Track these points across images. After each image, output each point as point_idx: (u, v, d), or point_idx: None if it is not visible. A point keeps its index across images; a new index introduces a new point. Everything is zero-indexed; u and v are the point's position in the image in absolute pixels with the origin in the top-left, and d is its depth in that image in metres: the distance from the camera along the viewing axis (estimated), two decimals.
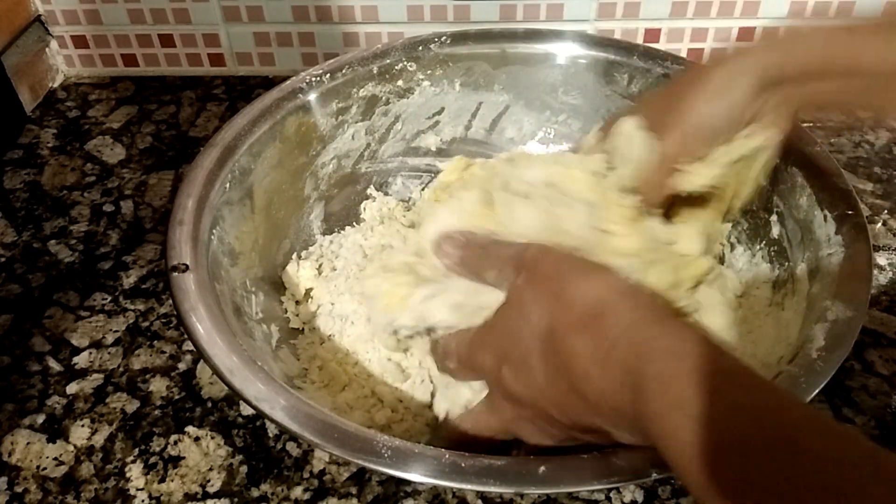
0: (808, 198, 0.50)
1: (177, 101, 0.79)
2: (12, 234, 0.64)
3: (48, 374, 0.53)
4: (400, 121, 0.63)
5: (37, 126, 0.76)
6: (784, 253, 0.51)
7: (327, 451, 0.37)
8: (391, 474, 0.36)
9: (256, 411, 0.38)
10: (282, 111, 0.56)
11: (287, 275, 0.56)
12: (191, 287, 0.43)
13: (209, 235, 0.48)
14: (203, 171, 0.50)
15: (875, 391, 0.51)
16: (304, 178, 0.59)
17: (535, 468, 0.35)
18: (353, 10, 0.77)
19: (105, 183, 0.69)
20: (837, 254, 0.46)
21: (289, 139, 0.57)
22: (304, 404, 0.39)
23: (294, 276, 0.56)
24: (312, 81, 0.58)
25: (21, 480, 0.47)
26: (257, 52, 0.81)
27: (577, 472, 0.36)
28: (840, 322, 0.41)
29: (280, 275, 0.56)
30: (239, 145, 0.53)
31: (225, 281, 0.48)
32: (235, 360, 0.40)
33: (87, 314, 0.57)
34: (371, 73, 0.60)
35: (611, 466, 0.35)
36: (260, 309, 0.52)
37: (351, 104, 0.60)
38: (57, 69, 0.82)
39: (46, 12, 0.79)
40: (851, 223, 0.47)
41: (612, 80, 0.62)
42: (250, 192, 0.54)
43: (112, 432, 0.49)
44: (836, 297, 0.43)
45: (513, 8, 0.77)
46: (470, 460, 0.36)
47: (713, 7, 0.77)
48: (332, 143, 0.60)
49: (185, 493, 0.46)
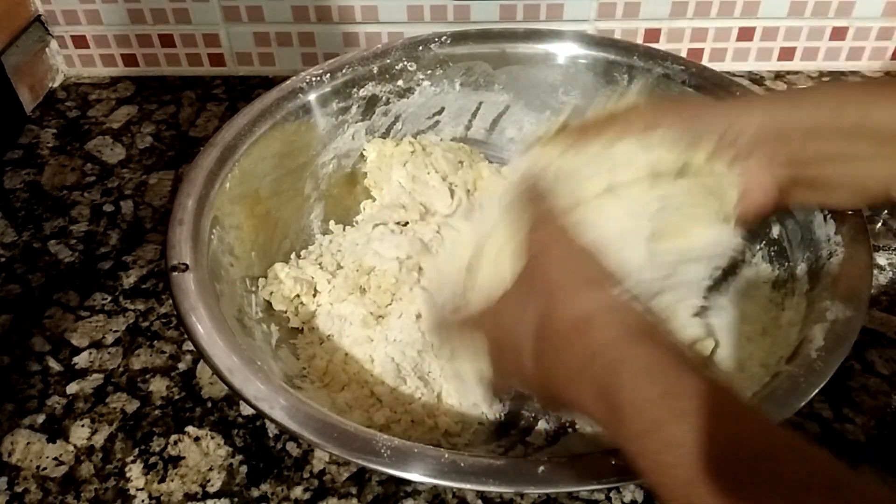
0: None
1: (177, 101, 0.79)
2: (12, 234, 0.64)
3: (48, 374, 0.53)
4: (400, 121, 0.63)
5: (37, 126, 0.76)
6: (784, 253, 0.51)
7: (327, 450, 0.37)
8: (391, 474, 0.36)
9: (256, 411, 0.38)
10: (282, 111, 0.56)
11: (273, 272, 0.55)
12: (191, 287, 0.44)
13: (209, 235, 0.48)
14: (203, 170, 0.51)
15: (875, 391, 0.51)
16: (304, 177, 0.59)
17: (535, 468, 0.35)
18: (353, 10, 0.77)
19: (105, 183, 0.69)
20: (837, 254, 0.46)
21: (289, 139, 0.57)
22: (303, 404, 0.39)
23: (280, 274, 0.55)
24: (312, 81, 0.58)
25: (21, 480, 0.47)
26: (257, 52, 0.81)
27: (577, 472, 0.36)
28: (840, 322, 0.41)
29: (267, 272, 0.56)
30: (239, 145, 0.53)
31: (225, 281, 0.48)
32: (235, 359, 0.40)
33: (87, 314, 0.57)
34: (371, 72, 0.60)
35: (611, 466, 0.35)
36: (260, 309, 0.52)
37: (351, 104, 0.60)
38: (57, 69, 0.82)
39: (46, 12, 0.79)
40: (851, 223, 0.47)
41: (612, 80, 0.62)
42: (250, 192, 0.54)
43: (112, 432, 0.49)
44: (836, 297, 0.43)
45: (513, 8, 0.77)
46: (469, 460, 0.36)
47: (713, 7, 0.77)
48: (332, 143, 0.60)
49: (185, 493, 0.46)
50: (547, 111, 0.65)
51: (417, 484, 0.46)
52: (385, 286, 0.55)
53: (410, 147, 0.63)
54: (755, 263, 0.54)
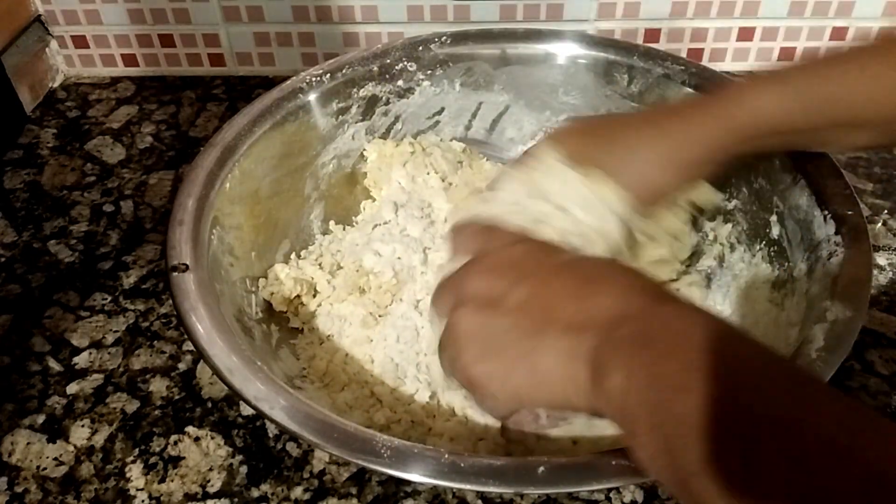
0: (807, 198, 0.50)
1: (177, 101, 0.79)
2: (12, 234, 0.64)
3: (48, 374, 0.53)
4: (400, 121, 0.63)
5: (37, 126, 0.76)
6: (784, 253, 0.51)
7: (327, 451, 0.37)
8: (390, 474, 0.36)
9: (256, 411, 0.38)
10: (282, 111, 0.56)
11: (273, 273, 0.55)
12: (191, 287, 0.44)
13: (209, 235, 0.48)
14: (203, 170, 0.51)
15: (875, 391, 0.51)
16: (304, 177, 0.59)
17: (535, 468, 0.35)
18: (353, 10, 0.77)
19: (105, 183, 0.69)
20: (837, 254, 0.45)
21: (289, 139, 0.57)
22: (303, 404, 0.39)
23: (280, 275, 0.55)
24: (312, 81, 0.58)
25: (21, 480, 0.47)
26: (257, 52, 0.81)
27: (577, 472, 0.36)
28: (840, 322, 0.41)
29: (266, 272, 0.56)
30: (239, 145, 0.53)
31: (225, 281, 0.48)
32: (235, 360, 0.40)
33: (87, 314, 0.57)
34: (371, 72, 0.60)
35: (610, 467, 0.35)
36: (260, 309, 0.52)
37: (351, 104, 0.60)
38: (57, 69, 0.82)
39: (46, 12, 0.79)
40: (851, 223, 0.46)
41: (612, 80, 0.62)
42: (250, 192, 0.54)
43: (112, 432, 0.49)
44: (836, 298, 0.43)
45: (513, 8, 0.77)
46: (469, 460, 0.36)
47: (713, 7, 0.77)
48: (332, 143, 0.60)
49: (185, 494, 0.46)
50: (547, 111, 0.65)
51: (417, 484, 0.46)
52: (385, 286, 0.55)
53: (410, 147, 0.63)
54: (755, 264, 0.54)
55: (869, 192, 0.66)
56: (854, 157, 0.70)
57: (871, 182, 0.67)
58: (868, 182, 0.67)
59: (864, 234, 0.46)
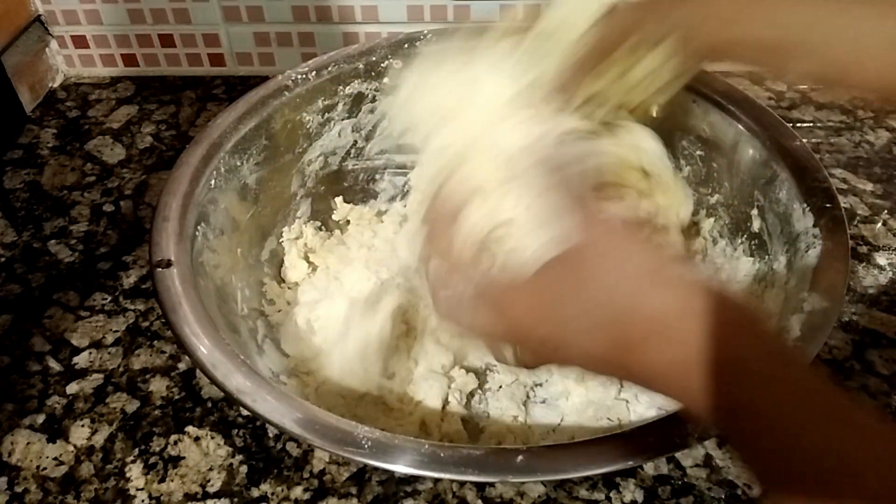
0: (787, 191, 0.50)
1: (177, 101, 0.79)
2: (12, 234, 0.64)
3: (48, 374, 0.53)
4: (387, 118, 0.63)
5: (37, 126, 0.76)
6: (764, 246, 0.52)
7: (308, 442, 0.37)
8: (372, 465, 0.36)
9: (239, 404, 0.38)
10: (268, 108, 0.56)
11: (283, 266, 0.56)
12: (174, 283, 0.44)
13: (194, 232, 0.48)
14: (188, 168, 0.51)
15: (875, 391, 0.51)
16: (290, 175, 0.59)
17: (514, 457, 0.36)
18: (353, 10, 0.77)
19: (105, 183, 0.69)
20: (815, 246, 0.46)
21: (275, 136, 0.57)
22: (285, 397, 0.39)
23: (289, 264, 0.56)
24: (298, 79, 0.58)
25: (21, 480, 0.47)
26: (257, 52, 0.81)
27: (554, 462, 0.36)
28: (816, 313, 0.42)
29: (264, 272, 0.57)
30: (224, 142, 0.53)
31: (210, 277, 0.48)
32: (218, 354, 0.40)
33: (87, 314, 0.57)
34: (357, 70, 0.60)
35: (586, 456, 0.36)
36: (245, 304, 0.52)
37: (337, 101, 0.60)
38: (57, 69, 0.82)
39: (46, 12, 0.79)
40: (830, 216, 0.47)
41: None
42: (236, 189, 0.54)
43: (112, 432, 0.49)
44: (813, 289, 0.43)
45: (513, 8, 0.77)
46: (448, 450, 0.36)
47: None
48: (318, 141, 0.60)
49: (185, 493, 0.46)
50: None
51: (417, 483, 0.46)
52: (369, 282, 0.55)
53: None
54: (736, 257, 0.54)
55: (869, 192, 0.66)
56: (854, 157, 0.69)
57: (871, 182, 0.67)
58: (868, 182, 0.67)
59: (841, 227, 0.46)
